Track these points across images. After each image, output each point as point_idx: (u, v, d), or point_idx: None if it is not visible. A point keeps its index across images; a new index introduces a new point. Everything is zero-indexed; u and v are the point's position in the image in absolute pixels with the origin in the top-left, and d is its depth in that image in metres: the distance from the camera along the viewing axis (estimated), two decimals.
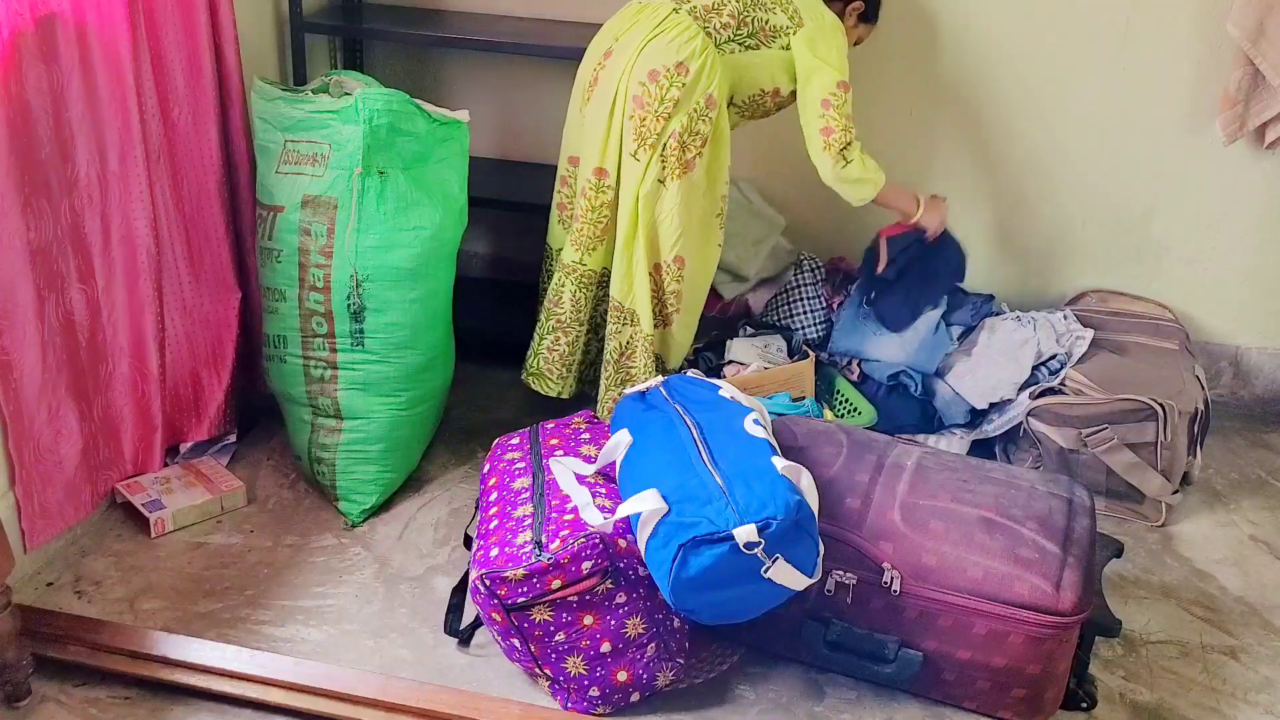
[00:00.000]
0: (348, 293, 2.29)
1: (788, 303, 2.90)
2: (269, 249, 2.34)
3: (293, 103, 2.32)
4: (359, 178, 2.24)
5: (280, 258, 2.32)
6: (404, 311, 2.33)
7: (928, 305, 2.76)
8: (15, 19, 1.88)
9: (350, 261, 2.27)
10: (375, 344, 2.33)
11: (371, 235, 2.27)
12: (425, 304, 2.37)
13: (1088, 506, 2.01)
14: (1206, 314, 3.05)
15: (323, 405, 2.37)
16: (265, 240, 2.35)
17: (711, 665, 2.04)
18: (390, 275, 2.30)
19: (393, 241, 2.29)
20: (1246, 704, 2.03)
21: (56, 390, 2.09)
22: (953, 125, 3.00)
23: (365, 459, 2.38)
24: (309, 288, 2.31)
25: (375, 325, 2.32)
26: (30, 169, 1.96)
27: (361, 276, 2.28)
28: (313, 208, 2.27)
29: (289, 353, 2.37)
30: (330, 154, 2.27)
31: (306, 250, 2.29)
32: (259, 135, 2.37)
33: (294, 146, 2.31)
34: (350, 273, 2.27)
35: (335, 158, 2.26)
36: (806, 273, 2.92)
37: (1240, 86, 2.74)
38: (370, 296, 2.30)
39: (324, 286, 2.29)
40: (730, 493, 1.76)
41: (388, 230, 2.28)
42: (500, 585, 1.84)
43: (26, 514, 2.05)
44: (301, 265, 2.30)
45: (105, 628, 1.96)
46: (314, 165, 2.28)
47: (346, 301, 2.29)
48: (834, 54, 2.43)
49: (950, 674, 1.92)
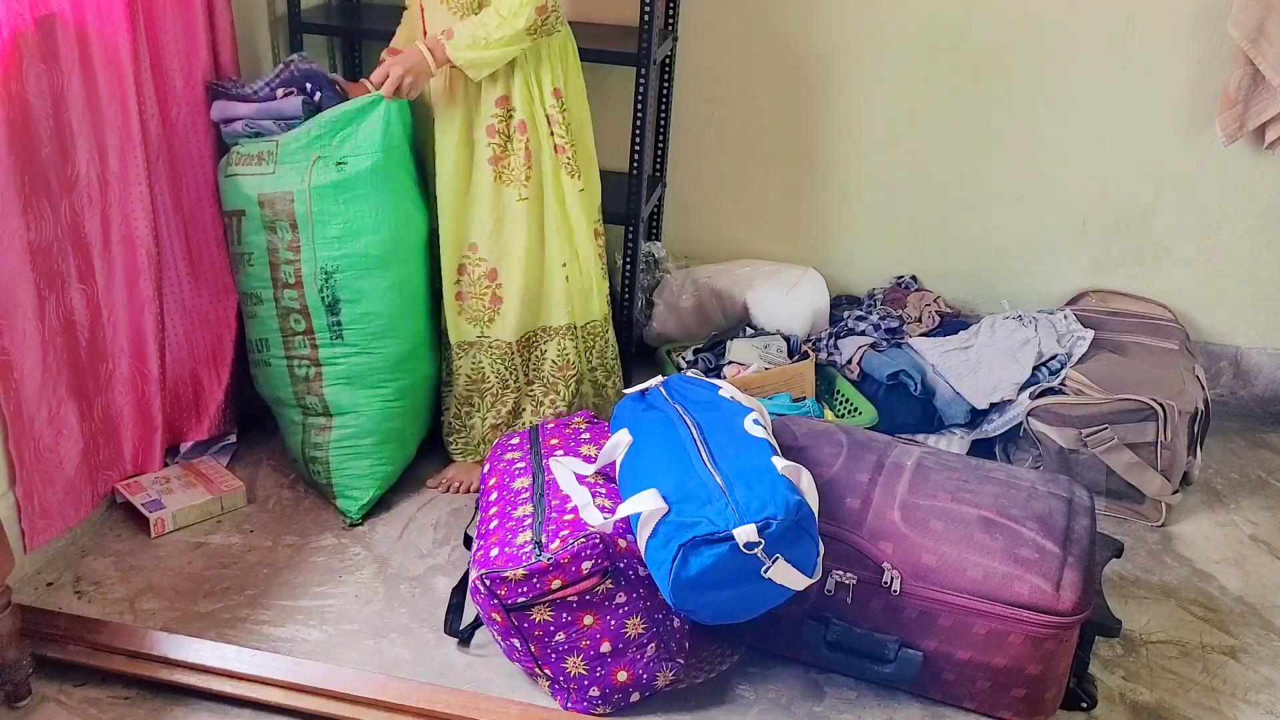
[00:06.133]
0: (320, 285, 2.29)
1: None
2: (240, 254, 2.35)
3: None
4: (316, 164, 2.24)
5: (251, 260, 2.33)
6: (379, 300, 2.33)
7: None
8: (15, 19, 1.88)
9: (319, 254, 2.27)
10: (354, 335, 2.33)
11: (334, 225, 2.27)
12: (400, 291, 2.37)
13: (1088, 506, 2.01)
14: (1206, 314, 3.06)
15: (311, 404, 2.37)
16: (235, 246, 2.36)
17: (711, 665, 2.04)
18: (359, 264, 2.29)
19: (357, 229, 2.28)
20: (1246, 704, 2.03)
21: (57, 390, 2.09)
22: (953, 125, 3.00)
23: (358, 453, 2.37)
24: (282, 285, 2.31)
25: (351, 316, 2.31)
26: (30, 169, 1.96)
27: (330, 268, 2.28)
28: (270, 205, 2.28)
29: (272, 355, 2.38)
30: (278, 149, 2.27)
31: (275, 249, 2.30)
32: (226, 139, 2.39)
33: (239, 149, 2.33)
34: (320, 265, 2.27)
35: (284, 151, 2.27)
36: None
37: (1240, 86, 2.74)
38: (343, 287, 2.29)
39: (296, 282, 2.30)
40: (730, 493, 1.75)
41: (350, 218, 2.27)
42: (500, 585, 1.84)
43: (27, 514, 2.05)
44: (272, 265, 2.31)
45: (105, 628, 1.96)
46: (261, 164, 2.29)
47: (320, 295, 2.29)
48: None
49: (950, 674, 1.92)
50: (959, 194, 3.06)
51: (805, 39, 2.98)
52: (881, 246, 3.16)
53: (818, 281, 3.06)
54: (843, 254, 3.18)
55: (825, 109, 3.04)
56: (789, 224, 3.19)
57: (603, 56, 2.66)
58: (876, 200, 3.11)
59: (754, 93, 3.06)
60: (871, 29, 2.94)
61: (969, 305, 3.16)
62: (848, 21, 2.94)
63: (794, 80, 3.02)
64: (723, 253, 3.22)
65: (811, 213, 3.16)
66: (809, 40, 2.97)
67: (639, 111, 2.73)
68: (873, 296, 3.12)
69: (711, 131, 3.12)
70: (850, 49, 2.96)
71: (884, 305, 3.06)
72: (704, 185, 3.19)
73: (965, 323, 2.95)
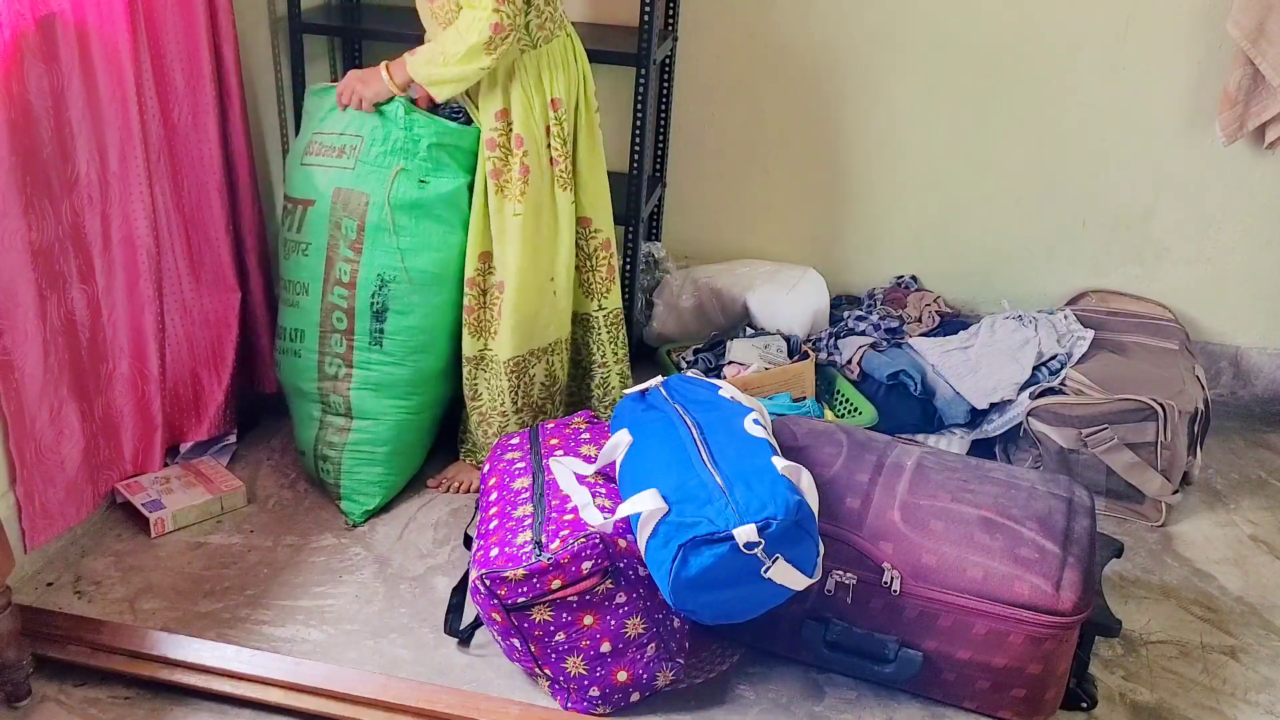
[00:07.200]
0: (373, 290, 2.28)
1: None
2: (296, 242, 2.33)
3: (328, 91, 2.33)
4: (399, 175, 2.24)
5: (307, 250, 2.31)
6: (426, 315, 2.33)
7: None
8: (17, 19, 1.88)
9: (380, 260, 2.27)
10: (394, 345, 2.33)
11: (403, 238, 2.27)
12: (446, 311, 2.37)
13: (1088, 506, 2.01)
14: (1206, 314, 3.06)
15: (334, 403, 2.37)
16: (293, 233, 2.34)
17: (711, 665, 2.04)
18: (417, 278, 2.30)
19: (424, 245, 2.29)
20: (1246, 704, 2.03)
21: (58, 390, 2.09)
22: (953, 125, 3.00)
23: (371, 460, 2.37)
24: (334, 282, 2.30)
25: (396, 327, 2.31)
26: (32, 169, 1.96)
27: (389, 277, 2.28)
28: (344, 201, 2.27)
29: (305, 347, 2.36)
30: (362, 147, 2.26)
31: (336, 245, 2.29)
32: (303, 130, 2.37)
33: (320, 139, 2.31)
34: (379, 271, 2.27)
35: (368, 152, 2.26)
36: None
37: (1240, 86, 2.74)
38: (395, 298, 2.29)
39: (350, 282, 2.29)
40: (730, 493, 1.76)
41: (419, 234, 2.28)
42: (500, 585, 1.84)
43: (27, 514, 2.05)
44: (329, 260, 2.29)
45: (105, 628, 1.96)
46: (341, 157, 2.28)
47: (371, 300, 2.29)
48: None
49: (950, 674, 1.92)
50: (959, 194, 3.07)
51: (805, 39, 2.98)
52: (881, 246, 3.16)
53: (818, 281, 3.06)
54: (843, 254, 3.19)
55: (825, 109, 3.04)
56: (789, 224, 3.19)
57: (603, 56, 2.66)
58: (876, 200, 3.11)
59: (754, 93, 3.06)
60: (872, 30, 2.94)
61: (969, 305, 3.16)
62: (848, 22, 2.94)
63: (794, 80, 3.03)
64: (723, 253, 3.22)
65: (811, 213, 3.16)
66: (809, 40, 2.98)
67: (639, 111, 2.73)
68: (873, 296, 3.12)
69: (711, 131, 3.13)
70: (851, 49, 2.97)
71: (884, 305, 3.06)
72: (704, 185, 3.19)
73: (965, 323, 2.95)
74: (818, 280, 3.07)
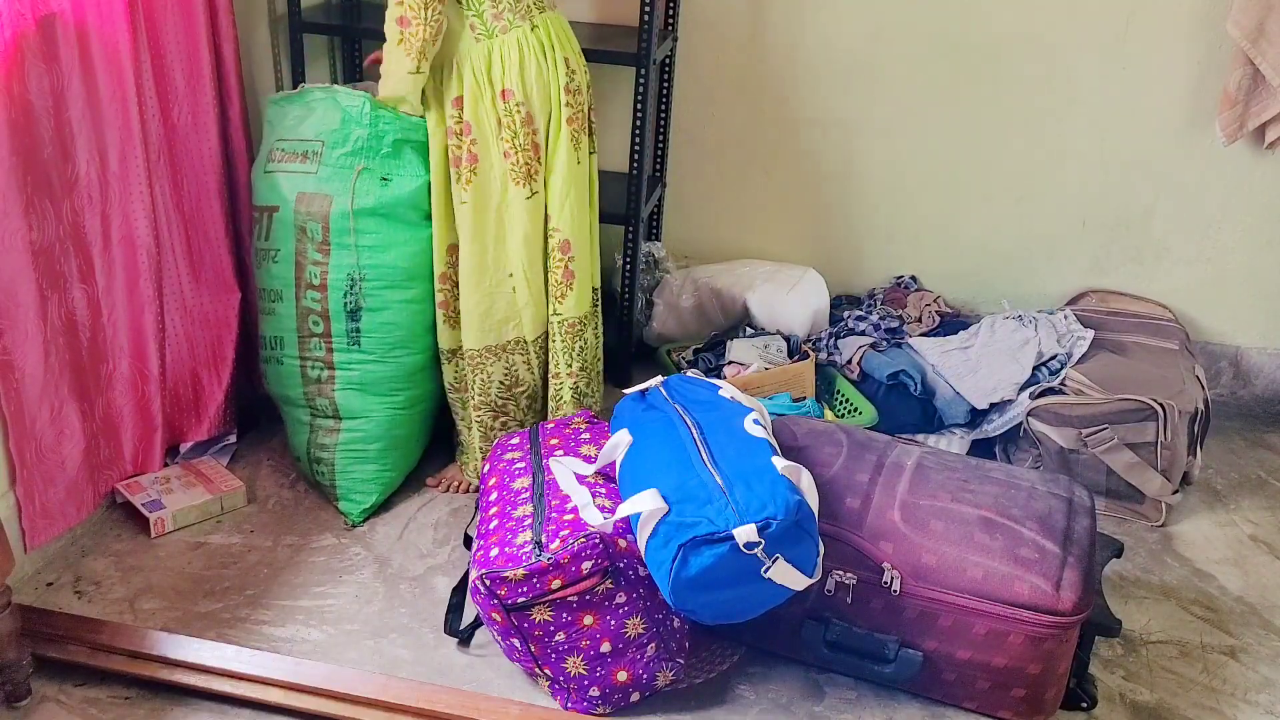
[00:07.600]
0: (344, 290, 2.29)
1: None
2: (265, 249, 2.35)
3: (290, 101, 2.33)
4: (361, 174, 2.24)
5: (277, 258, 2.33)
6: (400, 311, 2.34)
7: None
8: (17, 19, 1.88)
9: (348, 260, 2.27)
10: (371, 343, 2.33)
11: (369, 236, 2.27)
12: (422, 305, 2.38)
13: (1088, 506, 2.01)
14: (1206, 314, 3.06)
15: (320, 406, 2.37)
16: (261, 241, 2.35)
17: (711, 665, 2.04)
18: (387, 275, 2.30)
19: (390, 242, 2.29)
20: (1246, 704, 2.03)
21: (59, 390, 2.09)
22: (953, 125, 3.00)
23: (364, 458, 2.38)
24: (306, 286, 2.31)
25: (371, 324, 2.32)
26: (32, 169, 1.96)
27: (360, 275, 2.28)
28: (307, 205, 2.28)
29: (285, 354, 2.37)
30: (324, 151, 2.27)
31: (304, 249, 2.29)
32: (265, 139, 2.38)
33: (282, 145, 2.32)
34: (348, 271, 2.28)
35: (330, 155, 2.27)
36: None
37: (1240, 86, 2.74)
38: (367, 295, 2.30)
39: (321, 284, 2.30)
40: (730, 493, 1.76)
41: (386, 232, 2.28)
42: (500, 585, 1.84)
43: (27, 514, 2.05)
44: (299, 265, 2.30)
45: (105, 628, 1.96)
46: (304, 163, 2.29)
47: (344, 300, 2.29)
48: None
49: (950, 674, 1.92)
50: (959, 194, 3.07)
51: (805, 39, 2.98)
52: (881, 246, 3.16)
53: (818, 281, 3.06)
54: (843, 254, 3.19)
55: (825, 109, 3.04)
56: (789, 224, 3.19)
57: (603, 56, 2.66)
58: (876, 200, 3.11)
59: (754, 92, 3.06)
60: (872, 29, 2.94)
61: (969, 305, 3.16)
62: (848, 22, 2.94)
63: (794, 80, 3.03)
64: (723, 253, 3.22)
65: (811, 213, 3.16)
66: (809, 40, 2.98)
67: (639, 111, 2.73)
68: (873, 296, 3.12)
69: (711, 131, 3.12)
70: (851, 49, 2.96)
71: (884, 305, 3.06)
72: (704, 185, 3.19)
73: (965, 323, 2.95)
74: (818, 280, 3.07)
